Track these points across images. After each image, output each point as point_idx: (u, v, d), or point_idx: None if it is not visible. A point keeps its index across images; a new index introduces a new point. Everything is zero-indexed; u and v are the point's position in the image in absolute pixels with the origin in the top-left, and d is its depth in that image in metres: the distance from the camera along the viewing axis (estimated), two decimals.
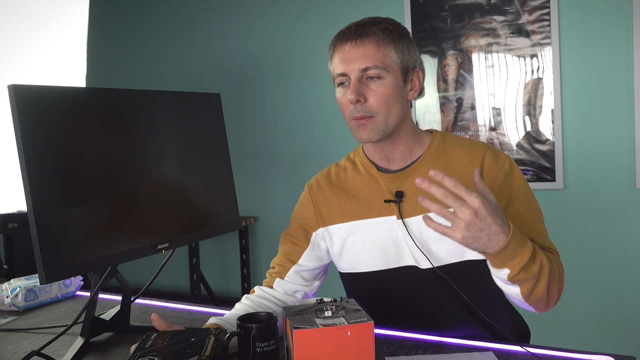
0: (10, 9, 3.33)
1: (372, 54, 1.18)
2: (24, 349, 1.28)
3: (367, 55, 1.18)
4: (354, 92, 1.18)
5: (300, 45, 3.50)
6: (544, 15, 2.82)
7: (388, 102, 1.20)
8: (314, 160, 3.47)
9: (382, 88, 1.19)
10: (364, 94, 1.19)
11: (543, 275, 1.09)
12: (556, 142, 2.84)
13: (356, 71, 1.18)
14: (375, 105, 1.19)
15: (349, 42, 1.20)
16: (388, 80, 1.20)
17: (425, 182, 0.98)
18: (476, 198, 0.97)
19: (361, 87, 1.19)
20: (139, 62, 4.05)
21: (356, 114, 1.20)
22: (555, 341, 2.82)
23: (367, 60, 1.18)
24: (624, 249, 2.77)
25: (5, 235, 3.76)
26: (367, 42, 1.19)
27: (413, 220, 1.24)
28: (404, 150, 1.27)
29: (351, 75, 1.19)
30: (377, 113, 1.19)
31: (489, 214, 0.98)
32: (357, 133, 1.22)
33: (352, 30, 1.21)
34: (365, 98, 1.19)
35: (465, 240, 0.99)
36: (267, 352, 1.02)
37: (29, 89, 1.05)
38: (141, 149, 1.26)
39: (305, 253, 1.34)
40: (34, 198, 1.03)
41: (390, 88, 1.20)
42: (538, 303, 1.14)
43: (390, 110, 1.20)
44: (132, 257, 1.21)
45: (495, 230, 0.99)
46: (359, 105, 1.19)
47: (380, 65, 1.18)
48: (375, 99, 1.19)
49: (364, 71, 1.18)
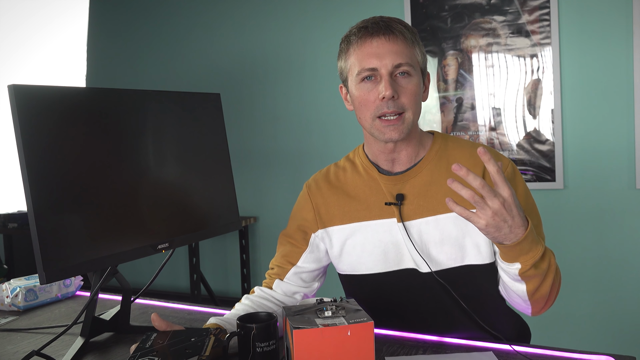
0: (10, 9, 3.33)
1: (404, 50, 1.17)
2: (24, 349, 1.28)
3: (399, 51, 1.17)
4: (389, 87, 1.15)
5: (300, 45, 3.50)
6: (544, 15, 2.82)
7: (416, 99, 1.20)
8: (314, 160, 3.47)
9: (411, 85, 1.18)
10: (396, 90, 1.17)
11: (550, 273, 1.10)
12: (556, 142, 2.84)
13: (389, 66, 1.16)
14: (407, 102, 1.18)
15: (380, 36, 1.17)
16: (415, 78, 1.19)
17: (462, 169, 0.98)
18: (508, 188, 0.99)
19: (393, 82, 1.17)
20: (139, 62, 4.05)
21: (387, 110, 1.17)
22: (555, 341, 2.82)
23: (399, 57, 1.17)
24: (623, 249, 2.77)
25: (5, 235, 3.76)
26: (399, 38, 1.17)
27: (414, 224, 1.23)
28: (411, 152, 1.27)
29: (382, 70, 1.17)
30: (407, 110, 1.19)
31: (515, 205, 1.00)
32: (384, 133, 1.20)
33: (381, 25, 1.18)
34: (397, 94, 1.17)
35: (488, 228, 1.01)
36: (267, 352, 1.02)
37: (29, 89, 1.05)
38: (141, 148, 1.26)
39: (304, 255, 1.34)
40: (34, 198, 1.03)
41: (417, 86, 1.20)
42: (539, 302, 1.15)
43: (417, 109, 1.21)
44: (132, 257, 1.21)
45: (518, 223, 1.01)
46: (392, 102, 1.17)
47: (410, 62, 1.18)
48: (406, 95, 1.18)
49: (396, 67, 1.17)
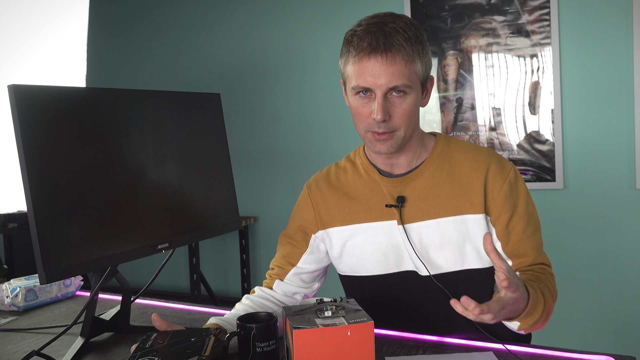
0: (10, 9, 3.33)
1: (401, 71, 1.12)
2: (24, 349, 1.28)
3: (396, 72, 1.12)
4: (380, 112, 1.13)
5: (300, 45, 3.50)
6: (544, 15, 2.82)
7: (409, 117, 1.17)
8: (314, 160, 3.47)
9: (405, 104, 1.15)
10: (389, 111, 1.15)
11: (543, 316, 1.12)
12: (556, 142, 2.84)
13: (384, 88, 1.13)
14: (398, 122, 1.16)
15: (377, 56, 1.12)
16: (412, 95, 1.16)
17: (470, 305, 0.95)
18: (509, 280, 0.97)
19: (386, 104, 1.14)
20: (139, 62, 4.05)
21: (377, 130, 1.16)
22: (555, 341, 2.81)
23: (395, 79, 1.12)
24: (624, 249, 2.77)
25: (5, 235, 3.76)
26: (397, 58, 1.12)
27: (414, 227, 1.23)
28: (411, 156, 1.26)
29: (377, 91, 1.13)
30: (399, 128, 1.17)
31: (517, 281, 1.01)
32: (374, 146, 1.19)
33: (380, 41, 1.12)
34: (389, 115, 1.15)
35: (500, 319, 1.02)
36: (267, 352, 1.02)
37: (29, 89, 1.05)
38: (141, 148, 1.26)
39: (305, 256, 1.34)
40: (34, 198, 1.03)
41: (413, 104, 1.16)
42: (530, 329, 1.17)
43: (410, 124, 1.18)
44: (132, 257, 1.21)
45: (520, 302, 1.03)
46: (383, 123, 1.15)
47: (407, 82, 1.13)
48: (399, 115, 1.15)
49: (391, 88, 1.13)
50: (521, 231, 1.21)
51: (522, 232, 1.21)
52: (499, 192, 1.21)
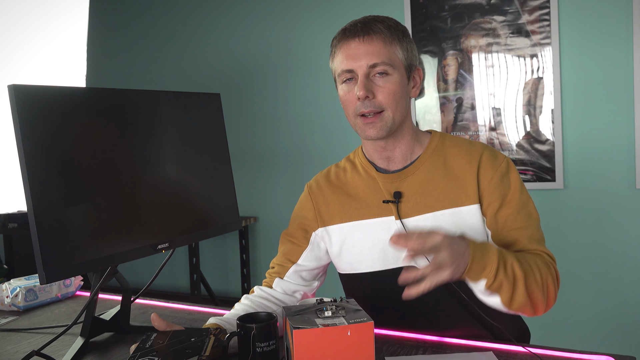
0: (10, 9, 3.33)
1: (380, 50, 1.18)
2: (24, 349, 1.28)
3: (375, 51, 1.18)
4: (362, 88, 1.17)
5: (300, 45, 3.50)
6: (544, 15, 2.82)
7: (395, 98, 1.20)
8: (314, 160, 3.47)
9: (389, 84, 1.19)
10: (372, 90, 1.19)
11: (519, 281, 1.09)
12: (556, 142, 2.84)
13: (364, 67, 1.18)
14: (384, 101, 1.19)
15: (355, 38, 1.19)
16: (395, 76, 1.20)
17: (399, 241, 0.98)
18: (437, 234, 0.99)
19: (369, 83, 1.19)
20: (139, 62, 4.05)
21: (364, 110, 1.19)
22: (555, 341, 2.81)
23: (374, 57, 1.18)
24: (623, 249, 2.77)
25: (5, 235, 3.76)
26: (375, 38, 1.19)
27: (411, 221, 1.24)
28: (405, 149, 1.27)
29: (358, 71, 1.19)
30: (386, 109, 1.20)
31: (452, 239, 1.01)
32: (364, 131, 1.22)
33: (358, 27, 1.20)
34: (373, 94, 1.19)
35: (454, 274, 1.01)
36: (267, 352, 1.02)
37: (29, 89, 1.05)
38: (141, 149, 1.26)
39: (305, 253, 1.34)
40: (34, 198, 1.03)
41: (397, 84, 1.20)
42: (524, 309, 1.14)
43: (398, 107, 1.21)
44: (132, 257, 1.21)
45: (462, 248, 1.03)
46: (367, 101, 1.18)
47: (387, 61, 1.18)
48: (383, 94, 1.19)
49: (371, 67, 1.18)
50: (511, 221, 1.20)
51: (512, 222, 1.20)
52: (490, 181, 1.22)
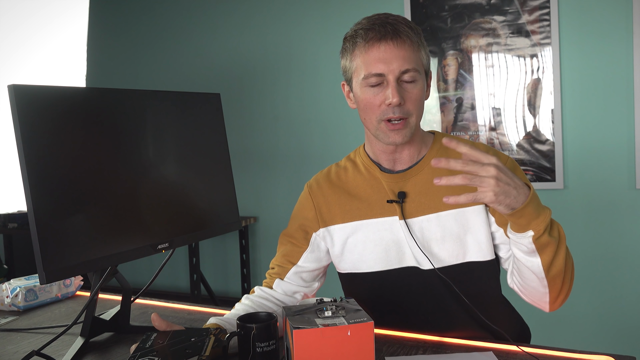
0: (10, 9, 3.33)
1: (410, 55, 1.17)
2: (24, 349, 1.28)
3: (407, 56, 1.16)
4: (397, 95, 1.15)
5: (300, 45, 3.50)
6: (544, 15, 2.82)
7: (420, 104, 1.20)
8: (314, 160, 3.47)
9: (416, 90, 1.18)
10: (403, 96, 1.17)
11: (562, 244, 1.08)
12: (556, 142, 2.84)
13: (396, 72, 1.16)
14: (412, 107, 1.18)
15: (388, 41, 1.16)
16: (420, 82, 1.19)
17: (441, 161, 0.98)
18: (491, 155, 0.98)
19: (400, 89, 1.17)
20: (139, 62, 4.05)
21: (392, 115, 1.17)
22: (555, 341, 2.82)
23: (406, 62, 1.16)
24: (624, 249, 2.77)
25: (5, 235, 3.76)
26: (406, 42, 1.16)
27: (415, 221, 1.24)
28: (413, 151, 1.27)
29: (389, 76, 1.16)
30: (411, 115, 1.19)
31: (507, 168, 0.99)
32: (389, 137, 1.20)
33: (388, 28, 1.16)
34: (403, 100, 1.17)
35: (498, 197, 0.98)
36: (267, 352, 1.02)
37: (29, 89, 1.05)
38: (141, 148, 1.26)
39: (305, 254, 1.34)
40: (34, 198, 1.03)
41: (422, 90, 1.20)
42: (556, 282, 1.10)
43: (420, 112, 1.21)
44: (132, 257, 1.21)
45: (519, 183, 1.00)
46: (397, 107, 1.17)
47: (417, 67, 1.17)
48: (411, 101, 1.18)
49: (403, 73, 1.16)
50: None
51: None
52: None
